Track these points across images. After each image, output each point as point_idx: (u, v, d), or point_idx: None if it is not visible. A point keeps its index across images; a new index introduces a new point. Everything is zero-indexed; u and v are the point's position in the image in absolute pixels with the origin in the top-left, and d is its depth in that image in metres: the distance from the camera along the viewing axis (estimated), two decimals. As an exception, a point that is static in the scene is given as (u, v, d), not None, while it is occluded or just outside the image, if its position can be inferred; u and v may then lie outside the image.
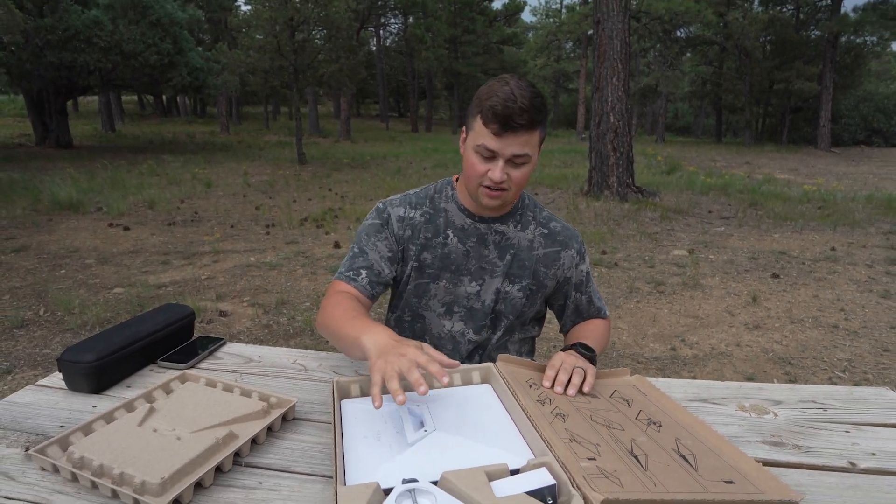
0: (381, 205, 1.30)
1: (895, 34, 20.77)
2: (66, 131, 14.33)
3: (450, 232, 1.26)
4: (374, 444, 0.83)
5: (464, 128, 1.19)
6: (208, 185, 9.07)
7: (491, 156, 1.11)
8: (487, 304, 1.28)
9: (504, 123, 1.06)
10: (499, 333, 1.32)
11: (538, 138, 1.13)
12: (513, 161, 1.11)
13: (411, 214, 1.28)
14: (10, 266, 4.63)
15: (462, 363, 1.32)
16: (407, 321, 1.35)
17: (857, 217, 7.24)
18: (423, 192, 1.32)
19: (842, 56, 22.10)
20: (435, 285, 1.28)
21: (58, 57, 11.79)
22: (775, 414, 0.99)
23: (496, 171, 1.10)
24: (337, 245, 5.50)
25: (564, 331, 1.42)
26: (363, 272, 1.23)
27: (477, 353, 1.34)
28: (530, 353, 1.45)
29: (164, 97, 32.29)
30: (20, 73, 12.19)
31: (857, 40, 22.42)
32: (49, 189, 7.68)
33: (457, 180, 1.31)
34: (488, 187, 1.14)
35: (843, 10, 21.03)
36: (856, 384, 2.86)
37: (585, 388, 1.00)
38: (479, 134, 1.11)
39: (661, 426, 0.88)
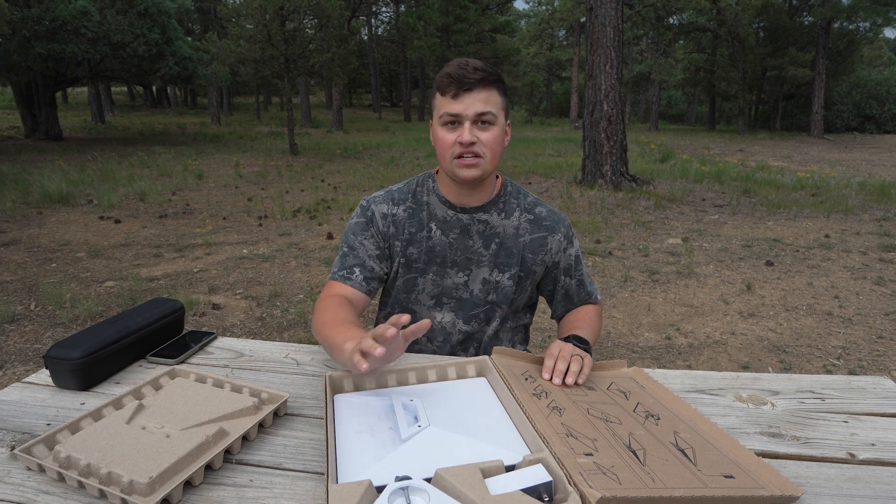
0: (364, 202, 1.31)
1: (887, 20, 20.76)
2: (56, 123, 14.16)
3: (433, 225, 1.26)
4: (367, 440, 0.81)
5: (431, 120, 1.21)
6: (200, 177, 8.99)
7: (456, 120, 1.12)
8: (476, 293, 1.28)
9: (459, 82, 1.09)
10: (494, 324, 1.31)
11: (498, 99, 1.14)
12: (478, 122, 1.12)
13: (394, 211, 1.28)
14: (0, 260, 4.58)
15: (454, 354, 1.31)
16: None
17: (851, 204, 7.27)
18: (406, 187, 1.32)
19: (834, 42, 22.12)
20: (423, 279, 1.28)
21: (46, 48, 11.63)
22: (773, 404, 0.99)
23: (464, 133, 1.11)
24: (330, 236, 5.47)
25: (556, 316, 1.41)
26: (356, 269, 1.24)
27: (471, 345, 1.33)
28: (524, 341, 1.45)
29: (153, 88, 31.95)
30: (8, 65, 12.02)
31: (850, 26, 22.43)
32: (39, 182, 7.59)
33: (437, 172, 1.30)
34: (461, 156, 1.13)
35: (835, -4, 21.02)
36: (850, 371, 2.88)
37: (580, 380, 0.99)
38: (440, 106, 1.14)
39: (659, 419, 0.87)
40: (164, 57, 13.65)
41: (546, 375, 1.00)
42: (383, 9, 33.41)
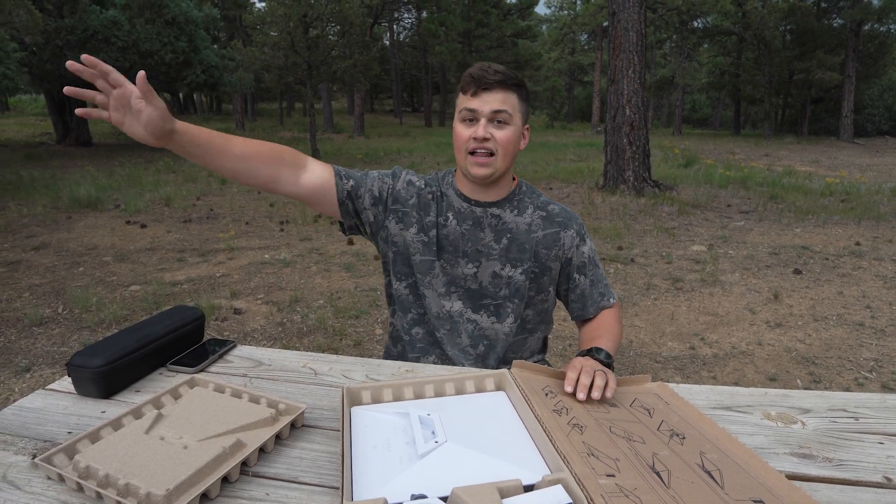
0: (397, 168, 1.35)
1: (921, 21, 20.22)
2: (86, 130, 14.54)
3: (450, 214, 1.30)
4: (383, 455, 0.80)
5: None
6: (223, 183, 9.13)
7: (472, 116, 1.18)
8: (485, 285, 1.29)
9: (479, 81, 1.16)
10: (507, 322, 1.30)
11: (516, 102, 1.19)
12: (493, 120, 1.17)
13: (422, 185, 1.32)
14: (30, 264, 4.70)
15: (472, 350, 1.31)
16: (409, 297, 1.34)
17: (883, 210, 7.06)
18: (433, 176, 1.37)
19: (865, 45, 21.60)
20: (438, 263, 1.30)
21: (77, 57, 11.95)
22: (803, 423, 0.95)
23: (479, 129, 1.17)
24: (350, 242, 5.50)
25: (575, 316, 1.40)
26: (351, 180, 1.27)
27: (481, 341, 1.31)
28: (542, 350, 1.44)
29: (180, 95, 32.62)
30: (41, 74, 12.39)
31: (881, 28, 21.88)
32: (68, 187, 7.79)
33: (456, 171, 1.35)
34: (474, 152, 1.19)
35: (866, -2, 20.54)
36: (884, 385, 2.78)
37: (608, 393, 0.96)
38: (460, 103, 1.21)
39: (684, 438, 0.84)
40: (190, 65, 13.95)
41: (569, 388, 0.97)
42: (405, 15, 33.65)
